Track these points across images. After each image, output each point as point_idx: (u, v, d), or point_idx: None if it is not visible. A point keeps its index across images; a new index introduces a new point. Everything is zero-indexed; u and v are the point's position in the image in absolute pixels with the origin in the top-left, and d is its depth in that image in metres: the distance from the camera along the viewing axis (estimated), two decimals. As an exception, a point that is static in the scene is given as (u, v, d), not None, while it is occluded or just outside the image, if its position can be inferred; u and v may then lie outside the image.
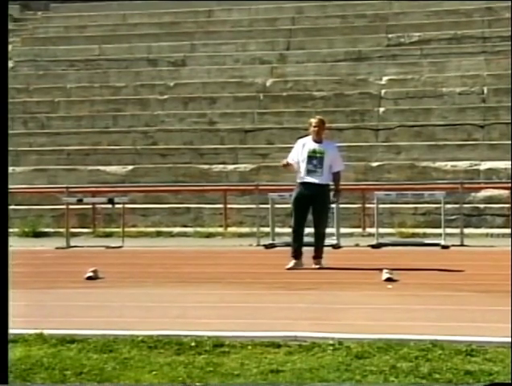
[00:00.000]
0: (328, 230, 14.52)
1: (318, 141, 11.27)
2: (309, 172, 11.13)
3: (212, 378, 5.42)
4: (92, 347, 6.24)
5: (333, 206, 14.24)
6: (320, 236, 11.34)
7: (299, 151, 11.29)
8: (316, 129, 11.27)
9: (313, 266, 11.09)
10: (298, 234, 11.27)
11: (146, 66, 22.79)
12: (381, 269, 10.15)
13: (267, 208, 14.54)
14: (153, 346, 6.25)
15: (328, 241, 13.71)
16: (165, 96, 21.09)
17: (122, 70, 22.61)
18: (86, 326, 7.15)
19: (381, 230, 14.45)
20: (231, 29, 24.01)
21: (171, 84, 21.53)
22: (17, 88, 21.91)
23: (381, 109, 19.58)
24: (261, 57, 22.51)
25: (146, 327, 6.95)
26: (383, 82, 20.47)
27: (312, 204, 11.19)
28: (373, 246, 13.82)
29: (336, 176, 11.37)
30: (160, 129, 19.88)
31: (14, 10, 26.86)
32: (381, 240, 14.09)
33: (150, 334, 6.58)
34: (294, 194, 11.43)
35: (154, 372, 5.55)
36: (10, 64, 23.42)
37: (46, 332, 6.70)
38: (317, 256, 11.22)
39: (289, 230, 11.87)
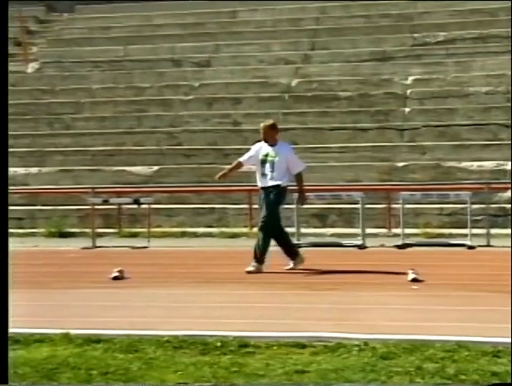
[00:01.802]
0: (353, 230, 14.56)
1: (271, 144, 11.22)
2: (263, 176, 11.05)
3: (237, 378, 5.42)
4: (117, 347, 6.27)
5: (358, 206, 14.22)
6: (261, 240, 11.03)
7: (256, 155, 11.23)
8: (262, 135, 11.28)
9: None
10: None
11: (170, 67, 22.84)
12: (406, 270, 10.10)
13: (291, 208, 14.51)
14: (178, 347, 6.26)
15: (353, 242, 13.73)
16: (189, 97, 21.12)
17: (146, 71, 22.67)
18: (112, 326, 7.17)
19: (407, 230, 14.38)
20: (255, 29, 24.00)
21: (196, 84, 21.57)
22: (42, 89, 22.07)
23: (407, 109, 19.49)
24: (285, 57, 22.48)
25: (171, 327, 6.97)
26: (408, 82, 20.38)
27: None
28: (398, 246, 13.77)
29: (298, 177, 11.23)
30: (184, 130, 19.91)
31: (39, 11, 27.10)
32: (407, 241, 14.02)
33: (176, 334, 6.60)
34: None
35: (179, 372, 5.56)
36: (36, 66, 23.62)
37: (72, 332, 6.73)
38: (258, 260, 10.95)
39: (314, 230, 11.84)
